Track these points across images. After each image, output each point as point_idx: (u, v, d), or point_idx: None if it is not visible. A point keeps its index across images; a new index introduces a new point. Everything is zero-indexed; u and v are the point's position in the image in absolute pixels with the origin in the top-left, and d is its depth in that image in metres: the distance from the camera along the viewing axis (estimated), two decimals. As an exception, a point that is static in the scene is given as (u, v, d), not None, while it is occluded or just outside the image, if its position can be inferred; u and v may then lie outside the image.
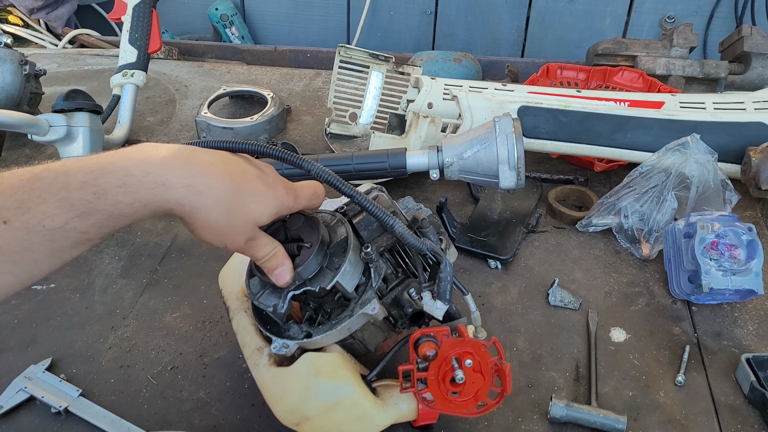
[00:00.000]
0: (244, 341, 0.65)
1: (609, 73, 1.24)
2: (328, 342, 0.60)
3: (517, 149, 0.81)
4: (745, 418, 0.67)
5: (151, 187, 0.47)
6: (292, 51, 1.75)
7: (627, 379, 0.71)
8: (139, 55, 1.15)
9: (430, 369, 0.57)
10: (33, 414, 0.67)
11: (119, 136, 1.12)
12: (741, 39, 1.27)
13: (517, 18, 1.91)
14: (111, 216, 0.46)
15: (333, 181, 0.56)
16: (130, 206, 0.46)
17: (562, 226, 0.96)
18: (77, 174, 0.46)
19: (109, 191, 0.46)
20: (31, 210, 0.44)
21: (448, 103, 1.05)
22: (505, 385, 0.58)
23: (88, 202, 0.45)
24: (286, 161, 0.56)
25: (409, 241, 0.57)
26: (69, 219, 0.45)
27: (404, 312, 0.62)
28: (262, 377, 0.61)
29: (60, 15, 1.84)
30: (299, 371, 0.59)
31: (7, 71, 1.11)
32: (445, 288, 0.58)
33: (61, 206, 0.45)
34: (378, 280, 0.60)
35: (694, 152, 0.88)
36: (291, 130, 1.23)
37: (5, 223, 0.43)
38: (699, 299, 0.80)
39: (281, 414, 0.59)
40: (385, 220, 0.57)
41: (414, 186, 1.04)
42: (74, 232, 0.45)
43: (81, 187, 0.45)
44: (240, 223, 0.52)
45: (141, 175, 0.46)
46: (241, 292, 0.69)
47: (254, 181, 0.53)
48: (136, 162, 0.47)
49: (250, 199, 0.52)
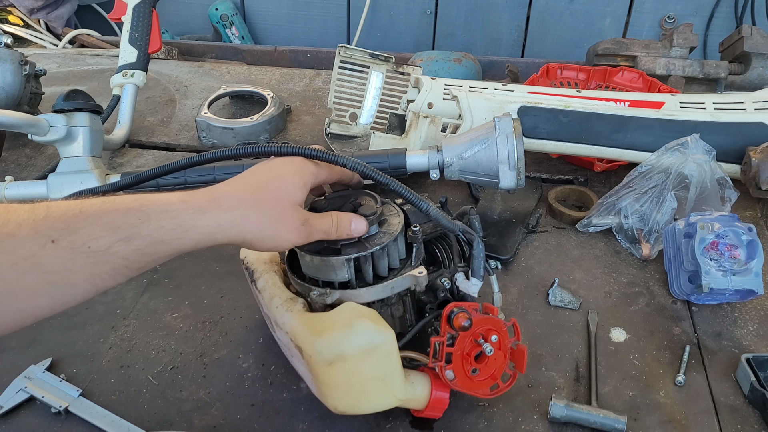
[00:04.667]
0: (273, 293, 0.65)
1: (609, 73, 1.24)
2: (369, 297, 0.62)
3: (517, 149, 0.81)
4: (745, 418, 0.67)
5: (189, 212, 0.50)
6: (292, 51, 1.75)
7: (627, 379, 0.71)
8: (139, 55, 1.15)
9: (457, 344, 0.59)
10: (33, 414, 0.67)
11: (119, 136, 1.12)
12: (741, 39, 1.27)
13: (517, 18, 1.91)
14: (153, 242, 0.48)
15: (369, 173, 0.60)
16: (171, 232, 0.49)
17: (562, 226, 0.96)
18: (123, 201, 0.49)
19: (152, 216, 0.48)
20: (79, 231, 0.46)
21: (448, 103, 1.05)
22: (521, 365, 0.62)
23: (133, 226, 0.47)
24: (320, 158, 0.61)
25: (442, 222, 0.62)
26: (113, 242, 0.46)
27: (435, 296, 0.66)
28: (295, 320, 0.60)
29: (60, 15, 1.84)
30: (343, 312, 0.59)
31: (7, 71, 1.11)
32: (479, 264, 0.64)
33: (107, 228, 0.46)
34: (418, 262, 0.65)
35: (692, 152, 0.88)
36: (291, 130, 1.23)
37: (53, 242, 0.45)
38: (699, 299, 0.81)
39: (318, 348, 0.57)
40: (419, 204, 0.61)
41: (414, 186, 1.03)
42: (116, 257, 0.47)
43: (126, 212, 0.48)
44: (280, 211, 0.54)
45: (179, 203, 0.50)
46: (268, 258, 0.70)
47: (269, 173, 0.58)
48: (174, 195, 0.52)
49: (273, 187, 0.56)
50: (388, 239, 0.61)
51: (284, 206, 0.55)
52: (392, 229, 0.63)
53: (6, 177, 0.95)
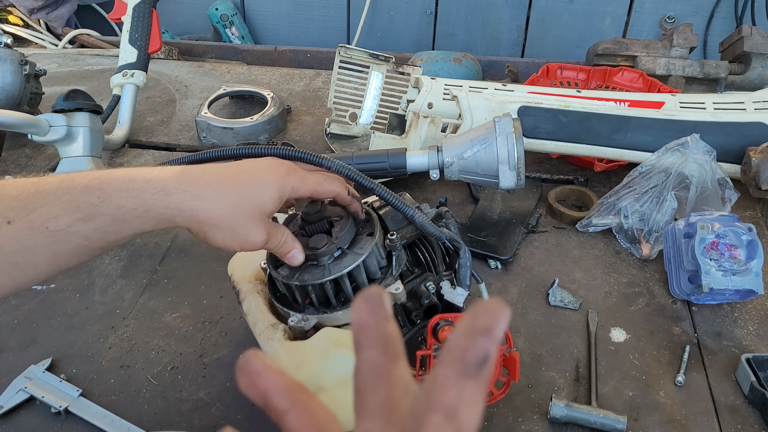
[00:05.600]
0: (256, 319, 0.65)
1: (609, 73, 1.24)
2: (347, 318, 0.61)
3: (517, 149, 0.81)
4: (745, 418, 0.67)
5: (151, 192, 0.48)
6: (292, 51, 1.75)
7: (627, 379, 0.71)
8: (139, 55, 1.15)
9: None
10: (33, 414, 0.67)
11: (119, 136, 1.12)
12: (741, 39, 1.27)
13: (517, 18, 1.91)
14: (114, 221, 0.47)
15: (353, 176, 0.58)
16: (132, 211, 0.47)
17: (562, 226, 0.96)
18: (83, 179, 0.47)
19: (113, 195, 0.46)
20: (36, 210, 0.44)
21: (448, 103, 1.05)
22: (514, 373, 0.61)
23: (93, 205, 0.46)
24: (306, 161, 0.58)
25: (428, 229, 0.60)
26: (73, 221, 0.45)
27: (420, 303, 0.63)
28: (276, 351, 0.61)
29: (60, 15, 1.84)
30: (318, 342, 0.59)
31: (7, 71, 1.11)
32: (465, 274, 0.62)
33: (66, 208, 0.45)
34: (399, 269, 0.63)
35: (693, 152, 0.88)
36: (291, 130, 1.23)
37: (9, 223, 0.44)
38: (699, 299, 0.80)
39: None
40: (405, 210, 0.60)
41: (414, 186, 1.04)
42: (76, 237, 0.46)
43: (86, 191, 0.46)
44: (244, 216, 0.52)
45: (142, 181, 0.48)
46: (252, 276, 0.69)
47: (251, 173, 0.53)
48: (137, 171, 0.49)
49: (249, 190, 0.52)
50: (353, 260, 0.59)
51: (251, 213, 0.52)
52: (363, 250, 0.60)
53: (6, 177, 0.94)
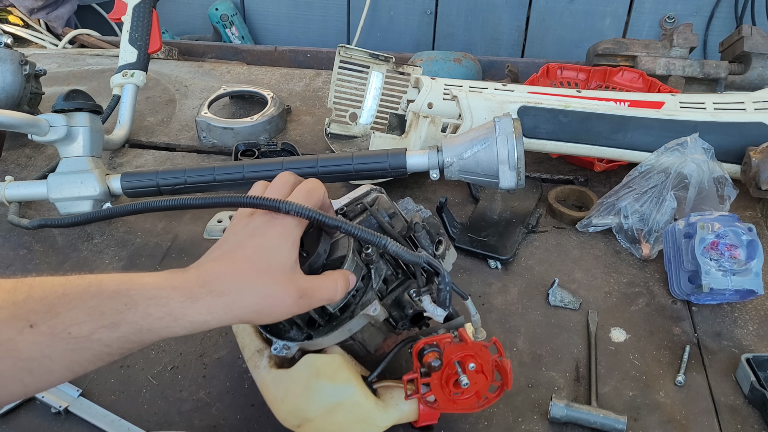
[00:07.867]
0: (244, 343, 0.66)
1: (609, 73, 1.24)
2: (328, 343, 0.60)
3: (517, 149, 0.81)
4: (745, 418, 0.67)
5: (180, 300, 0.47)
6: (292, 51, 1.75)
7: (627, 379, 0.71)
8: (139, 55, 1.15)
9: (434, 375, 0.57)
10: (33, 414, 0.67)
11: (119, 136, 1.12)
12: (741, 39, 1.27)
13: (517, 18, 1.91)
14: (139, 330, 0.45)
15: (315, 217, 0.52)
16: (160, 320, 0.46)
17: (562, 226, 0.96)
18: (110, 283, 0.45)
19: (140, 302, 0.45)
20: (60, 315, 0.43)
21: (448, 103, 1.05)
22: (506, 381, 0.60)
23: (119, 312, 0.44)
24: (266, 208, 0.52)
25: (404, 257, 0.56)
26: (96, 328, 0.44)
27: (405, 313, 0.62)
28: (262, 379, 0.61)
29: (60, 15, 1.84)
30: (300, 372, 0.59)
31: (7, 71, 1.11)
32: (445, 297, 0.58)
33: (90, 314, 0.44)
34: (378, 282, 0.60)
35: (691, 152, 0.88)
36: (291, 130, 1.23)
37: (32, 326, 0.42)
38: (699, 299, 0.80)
39: (282, 416, 0.59)
40: (376, 241, 0.54)
41: (414, 186, 1.04)
42: (98, 345, 0.44)
43: (113, 297, 0.45)
44: (274, 287, 0.50)
45: (170, 289, 0.47)
46: None
47: (254, 240, 0.51)
48: (164, 278, 0.48)
49: (263, 257, 0.50)
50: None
51: (277, 280, 0.50)
52: (338, 265, 0.57)
53: (6, 177, 0.95)
